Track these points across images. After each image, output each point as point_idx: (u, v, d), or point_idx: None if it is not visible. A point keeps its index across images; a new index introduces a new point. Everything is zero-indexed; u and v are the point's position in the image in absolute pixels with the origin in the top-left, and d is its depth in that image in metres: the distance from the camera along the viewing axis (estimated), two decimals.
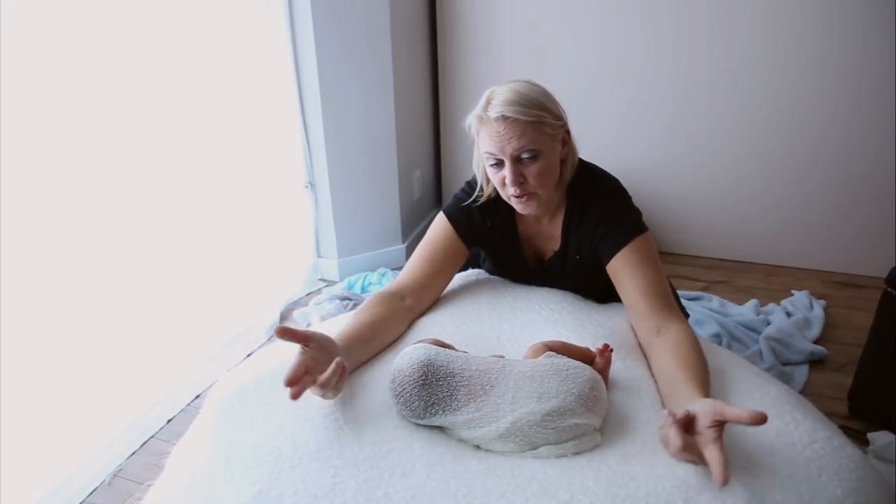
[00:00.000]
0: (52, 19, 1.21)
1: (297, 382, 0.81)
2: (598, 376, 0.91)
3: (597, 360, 0.97)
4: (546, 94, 1.10)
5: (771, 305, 1.97)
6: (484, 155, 1.11)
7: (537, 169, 1.08)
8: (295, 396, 0.80)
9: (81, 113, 1.31)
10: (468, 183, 1.25)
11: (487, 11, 2.28)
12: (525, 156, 1.07)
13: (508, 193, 1.12)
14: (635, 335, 1.11)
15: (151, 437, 1.48)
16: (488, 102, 1.07)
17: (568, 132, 1.14)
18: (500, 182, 1.12)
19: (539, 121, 1.05)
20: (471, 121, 1.12)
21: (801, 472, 0.77)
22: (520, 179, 1.08)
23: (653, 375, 1.00)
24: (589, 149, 1.31)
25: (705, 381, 0.92)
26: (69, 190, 1.30)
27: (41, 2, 1.18)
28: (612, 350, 0.97)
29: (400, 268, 1.35)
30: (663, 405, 0.93)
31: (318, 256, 2.26)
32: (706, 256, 2.40)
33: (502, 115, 1.05)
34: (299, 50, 1.93)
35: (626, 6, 2.13)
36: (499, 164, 1.09)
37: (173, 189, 1.58)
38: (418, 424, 0.90)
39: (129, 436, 1.46)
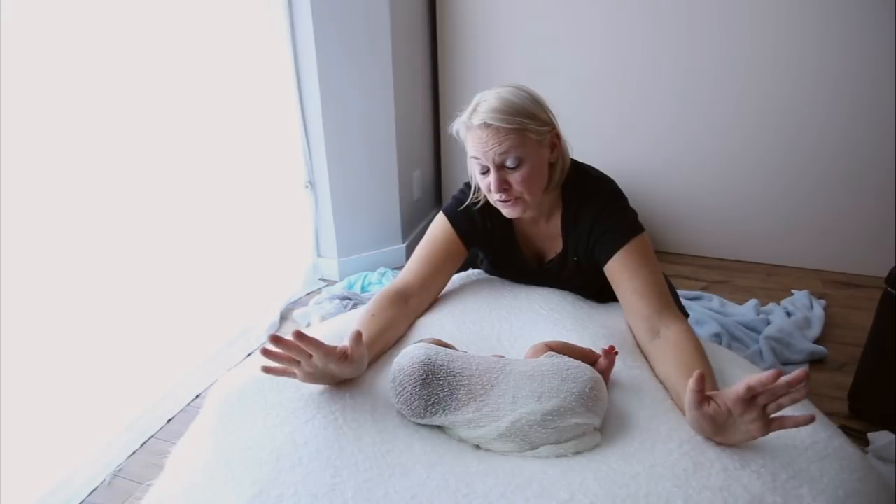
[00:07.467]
0: (51, 19, 1.21)
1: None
2: (599, 376, 0.91)
3: (600, 361, 0.97)
4: (533, 100, 1.09)
5: (771, 305, 1.97)
6: (471, 159, 1.12)
7: (521, 175, 1.08)
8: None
9: (80, 112, 1.30)
10: (467, 184, 1.25)
11: (487, 12, 2.28)
12: (509, 163, 1.08)
13: (494, 198, 1.13)
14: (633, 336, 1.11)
15: (151, 437, 1.48)
16: (474, 109, 1.08)
17: (557, 136, 1.13)
18: (486, 187, 1.13)
19: (522, 128, 1.05)
20: (458, 126, 1.13)
21: (802, 474, 0.77)
22: (504, 186, 1.09)
23: (656, 376, 1.00)
24: (589, 149, 1.32)
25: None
26: (69, 190, 1.30)
27: (41, 2, 1.18)
28: (616, 353, 0.98)
29: (400, 268, 1.35)
30: (675, 403, 0.93)
31: (318, 256, 2.26)
32: (706, 256, 2.40)
33: (485, 123, 1.05)
34: (299, 49, 1.93)
35: (626, 6, 2.13)
36: (485, 170, 1.10)
37: (173, 189, 1.58)
38: (418, 424, 0.90)
39: (129, 436, 1.45)
